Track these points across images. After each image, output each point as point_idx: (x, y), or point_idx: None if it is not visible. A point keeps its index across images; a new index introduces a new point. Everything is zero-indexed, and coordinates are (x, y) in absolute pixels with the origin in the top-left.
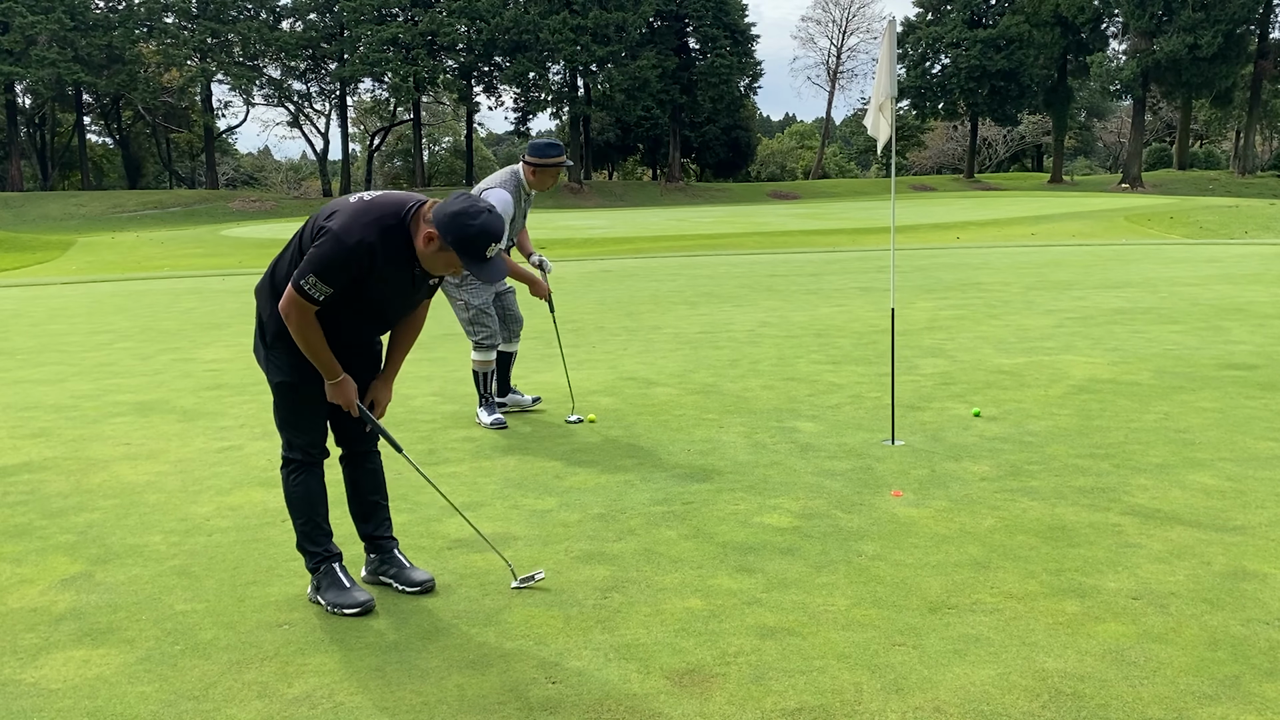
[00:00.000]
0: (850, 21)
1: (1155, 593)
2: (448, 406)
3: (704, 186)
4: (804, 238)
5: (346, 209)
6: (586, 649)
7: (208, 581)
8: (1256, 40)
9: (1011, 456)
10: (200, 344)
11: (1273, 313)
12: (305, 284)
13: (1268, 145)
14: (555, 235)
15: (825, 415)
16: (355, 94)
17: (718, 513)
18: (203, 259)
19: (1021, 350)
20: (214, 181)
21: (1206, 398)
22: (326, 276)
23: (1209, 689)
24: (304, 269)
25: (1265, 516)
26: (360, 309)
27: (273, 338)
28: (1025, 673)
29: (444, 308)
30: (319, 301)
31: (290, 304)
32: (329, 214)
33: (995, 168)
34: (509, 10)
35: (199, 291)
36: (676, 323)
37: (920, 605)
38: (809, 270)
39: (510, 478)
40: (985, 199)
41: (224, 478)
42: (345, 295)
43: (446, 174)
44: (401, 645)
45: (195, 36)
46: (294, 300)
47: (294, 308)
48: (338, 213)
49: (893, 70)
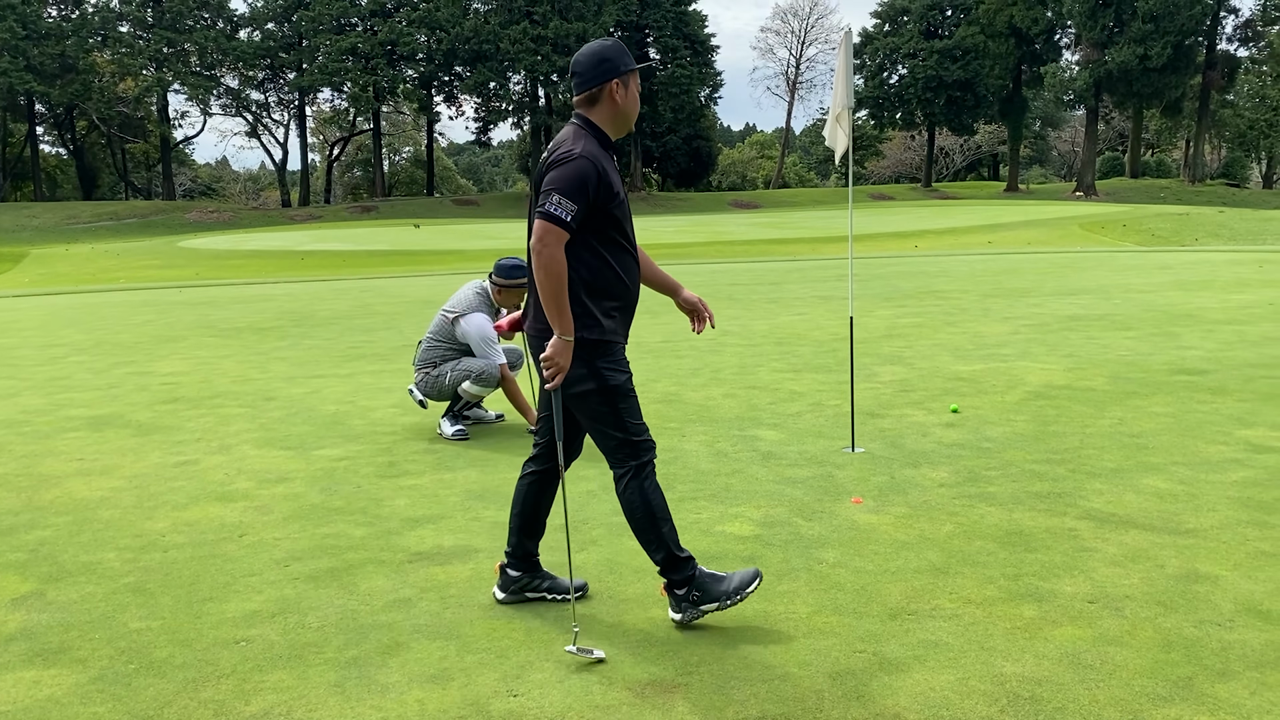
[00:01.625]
0: (809, 32)
1: (1110, 596)
2: (409, 418)
3: (665, 196)
4: (765, 247)
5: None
6: (549, 661)
7: (163, 599)
8: (1204, 52)
9: (970, 462)
10: (156, 357)
11: (1222, 319)
12: (552, 205)
13: (1216, 154)
14: (519, 245)
15: (786, 423)
16: (314, 104)
17: (680, 522)
18: (159, 271)
19: (979, 357)
20: (171, 192)
21: (1159, 402)
22: (572, 194)
23: (1163, 690)
24: (551, 194)
25: (1216, 519)
26: (626, 232)
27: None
28: (984, 677)
29: (410, 317)
30: (570, 225)
31: (545, 233)
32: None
33: (952, 176)
34: (469, 20)
35: (155, 304)
36: (638, 332)
37: (880, 612)
38: (770, 279)
39: (472, 489)
40: (943, 208)
41: (180, 493)
42: (611, 220)
43: (407, 184)
44: (361, 660)
45: (151, 46)
46: (547, 229)
47: (550, 235)
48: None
49: (849, 81)
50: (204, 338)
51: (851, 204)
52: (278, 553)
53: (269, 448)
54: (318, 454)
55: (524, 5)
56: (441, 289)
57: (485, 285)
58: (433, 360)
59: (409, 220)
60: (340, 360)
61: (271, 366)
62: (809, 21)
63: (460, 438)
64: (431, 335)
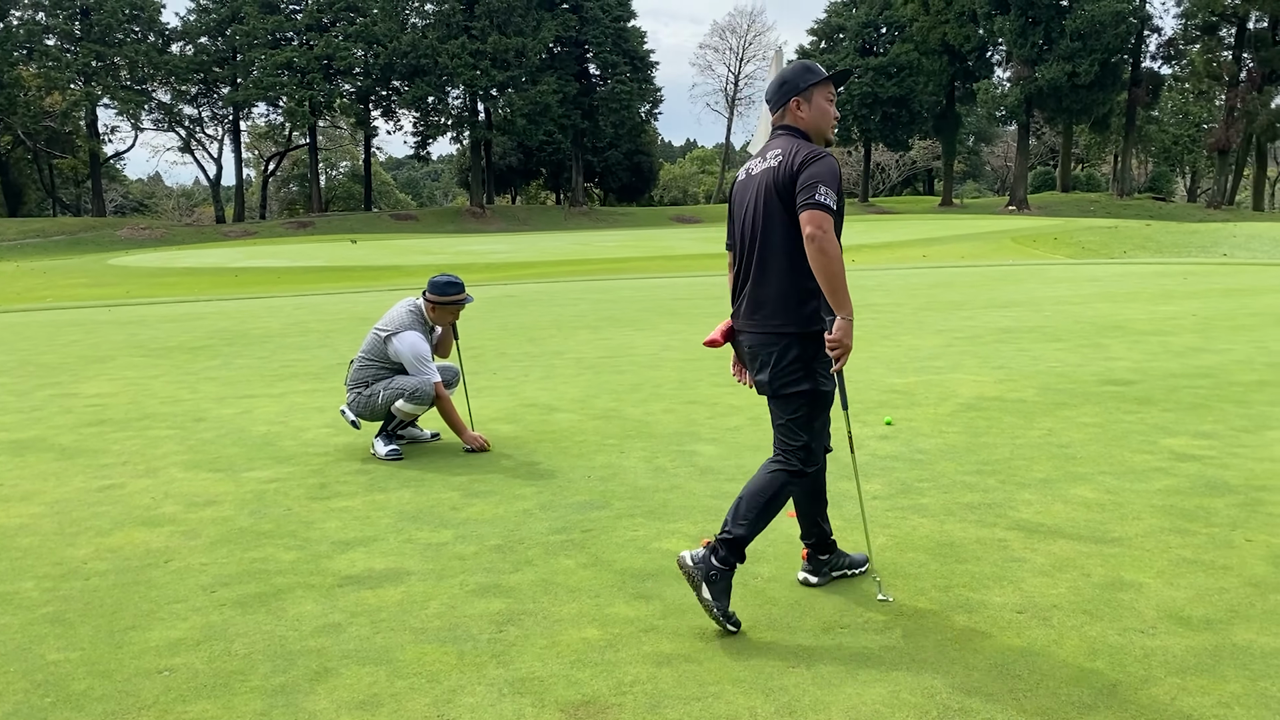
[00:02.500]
0: (747, 49)
1: (1039, 605)
2: (341, 438)
3: (607, 210)
4: (706, 261)
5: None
6: (480, 684)
7: (83, 629)
8: (1130, 69)
9: (902, 474)
10: (83, 378)
11: (1149, 329)
12: (820, 195)
13: (1143, 168)
14: (457, 260)
15: (725, 438)
16: (249, 118)
17: (617, 540)
18: (88, 289)
19: (912, 369)
20: (101, 209)
21: (1087, 413)
22: (833, 185)
23: (1088, 698)
24: (818, 187)
25: (1141, 527)
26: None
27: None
28: (915, 690)
29: (345, 334)
30: (838, 213)
31: (822, 221)
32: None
33: (888, 191)
34: (407, 34)
35: (82, 323)
36: (579, 347)
37: (814, 626)
38: (712, 293)
39: (405, 510)
40: (879, 222)
41: (104, 518)
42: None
43: (344, 198)
44: (289, 688)
45: (79, 59)
46: (822, 217)
47: (826, 222)
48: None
49: None
50: (133, 358)
51: None
52: (204, 578)
53: (198, 470)
54: (248, 476)
55: (462, 20)
56: (378, 305)
57: (419, 303)
58: (365, 380)
59: (346, 236)
60: (273, 379)
61: (202, 387)
62: (746, 39)
63: (394, 458)
64: (364, 354)
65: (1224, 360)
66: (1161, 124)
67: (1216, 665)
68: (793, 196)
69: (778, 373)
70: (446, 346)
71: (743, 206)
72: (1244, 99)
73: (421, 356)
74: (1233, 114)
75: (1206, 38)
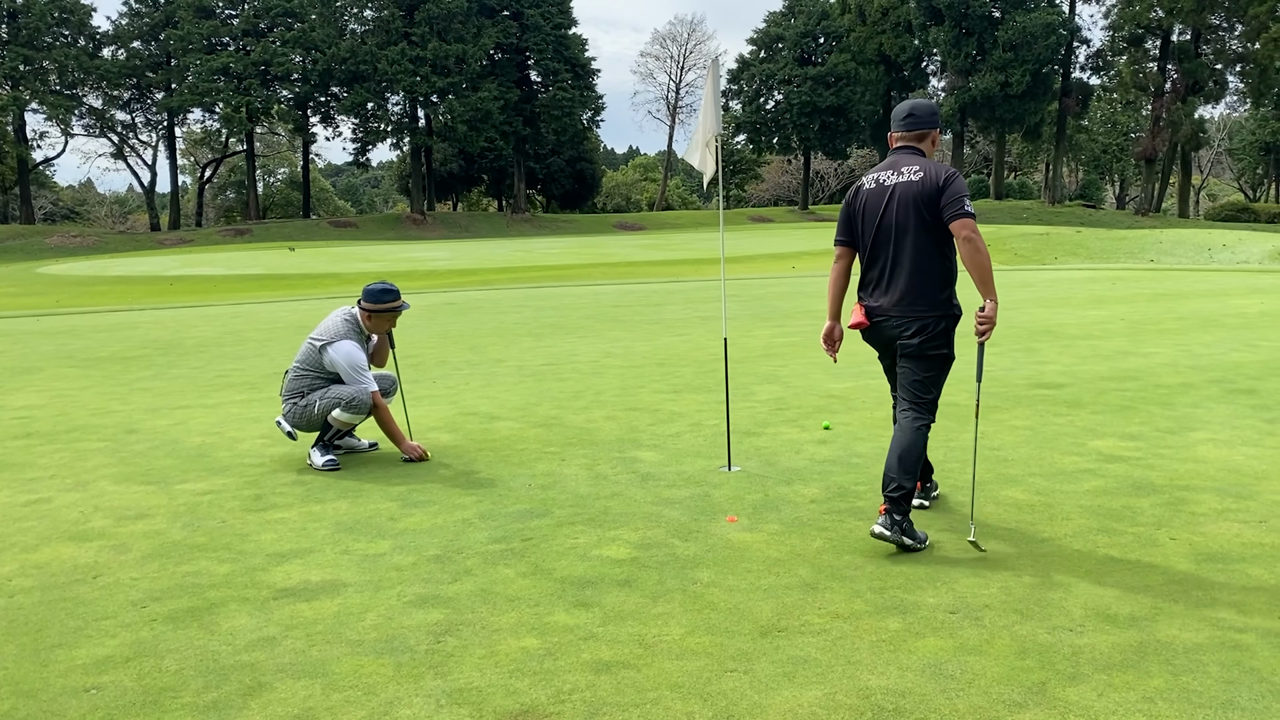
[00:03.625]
0: (687, 58)
1: (971, 606)
2: (277, 449)
3: (550, 218)
4: (648, 268)
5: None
6: (418, 696)
7: (6, 647)
8: (1060, 79)
9: (840, 478)
10: (8, 390)
11: (1079, 334)
12: (968, 206)
13: (1074, 176)
14: (397, 268)
15: (666, 444)
16: (184, 124)
17: (557, 547)
18: (15, 299)
19: (850, 375)
20: (30, 216)
21: (1019, 416)
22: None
23: (1018, 696)
24: (964, 200)
25: (1070, 528)
26: None
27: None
28: (850, 691)
29: (282, 343)
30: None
31: (974, 227)
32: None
33: (828, 199)
34: (345, 40)
35: (9, 334)
36: (521, 355)
37: (752, 630)
38: (653, 300)
39: (342, 521)
40: (819, 229)
41: (30, 533)
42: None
43: (283, 205)
44: (221, 704)
45: (5, 63)
46: (973, 225)
47: (976, 228)
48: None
49: (718, 108)
50: (62, 368)
51: (723, 227)
52: (134, 593)
53: (129, 483)
54: (181, 488)
55: (402, 26)
56: (316, 313)
57: (354, 311)
58: (301, 390)
59: (284, 243)
60: (207, 390)
61: (134, 398)
62: (687, 47)
63: (331, 468)
64: (299, 364)
65: (1150, 363)
66: (1091, 133)
67: (1141, 661)
68: (936, 206)
69: (926, 339)
70: (383, 355)
71: (877, 211)
72: (1169, 109)
73: (357, 365)
74: (1158, 123)
75: (1133, 49)
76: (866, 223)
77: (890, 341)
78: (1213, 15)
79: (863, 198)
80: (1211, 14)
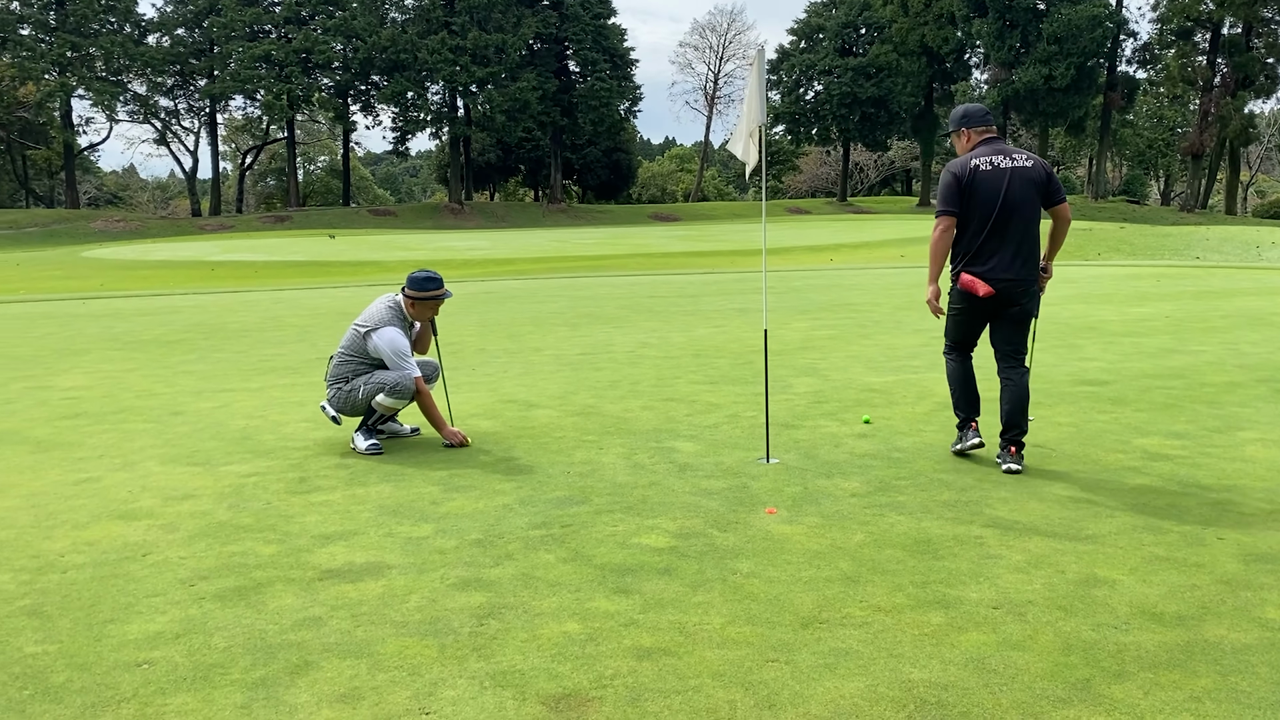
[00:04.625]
0: (726, 48)
1: (1014, 601)
2: (321, 433)
3: (586, 208)
4: (684, 259)
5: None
6: (461, 677)
7: (61, 621)
8: (1105, 73)
9: (880, 472)
10: (57, 371)
11: (1122, 331)
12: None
13: (1117, 172)
14: (436, 256)
15: (703, 435)
16: (226, 111)
17: (596, 535)
18: (62, 282)
19: (890, 368)
20: (75, 201)
21: (1062, 413)
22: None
23: (1062, 693)
24: (1061, 188)
25: (1114, 525)
26: None
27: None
28: (892, 684)
29: (323, 329)
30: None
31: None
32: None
33: (867, 191)
34: (386, 29)
35: (57, 316)
36: (558, 344)
37: (793, 621)
38: (689, 291)
39: (385, 505)
40: (857, 222)
41: (81, 511)
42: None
43: (322, 193)
44: (269, 681)
45: (54, 50)
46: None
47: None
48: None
49: (763, 98)
50: (109, 351)
51: (765, 219)
52: (183, 572)
53: (175, 464)
54: (226, 470)
55: (442, 15)
56: (356, 301)
57: (398, 298)
58: (345, 375)
59: (324, 230)
60: (250, 374)
61: (179, 380)
62: (727, 37)
63: (374, 452)
64: (343, 350)
65: (1196, 361)
66: (1136, 128)
67: (1188, 660)
68: (1046, 189)
69: (1032, 300)
70: (425, 342)
71: (996, 189)
72: (1218, 104)
73: (401, 352)
74: (1206, 118)
75: (1181, 43)
76: (983, 199)
77: (1007, 306)
78: (1265, 8)
79: (977, 176)
80: (1264, 7)
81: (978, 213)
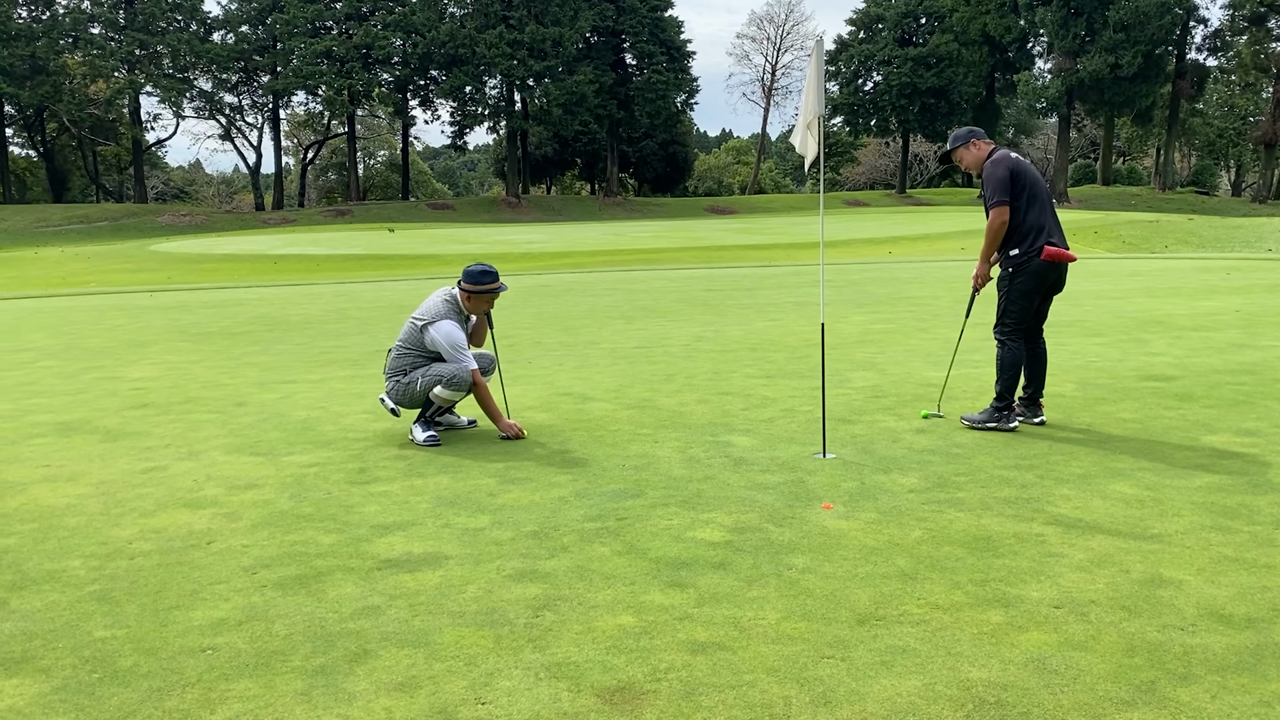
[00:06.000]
0: (784, 39)
1: (1076, 601)
2: (380, 424)
3: (642, 201)
4: (740, 252)
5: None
6: (517, 668)
7: (128, 607)
8: (1174, 61)
9: (939, 468)
10: (126, 362)
11: (1189, 325)
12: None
13: (1186, 162)
14: (493, 250)
15: (759, 429)
16: (288, 107)
17: (651, 528)
18: (130, 275)
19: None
20: (142, 195)
21: (1127, 409)
22: None
23: (1126, 695)
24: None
25: (1181, 524)
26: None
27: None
28: (950, 683)
29: (383, 322)
30: None
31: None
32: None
33: (926, 183)
34: (445, 24)
35: (125, 308)
36: (613, 338)
37: (849, 617)
38: (745, 285)
39: (443, 496)
40: (917, 214)
41: (148, 499)
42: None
43: (382, 187)
44: (328, 668)
45: (123, 48)
46: None
47: None
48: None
49: (821, 89)
50: (175, 342)
51: (823, 211)
52: (246, 560)
53: (238, 454)
54: (288, 460)
55: (500, 10)
56: (415, 294)
57: (454, 292)
58: (403, 368)
59: (383, 224)
60: (312, 365)
61: (242, 372)
62: (784, 28)
63: (432, 444)
64: (401, 343)
65: (1268, 357)
66: (1206, 117)
67: (1258, 664)
68: None
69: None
70: (481, 335)
71: (1037, 177)
72: None
73: (457, 344)
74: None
75: (1254, 29)
76: (1032, 184)
77: (1060, 277)
78: None
79: (1020, 167)
80: None
81: (1036, 197)
